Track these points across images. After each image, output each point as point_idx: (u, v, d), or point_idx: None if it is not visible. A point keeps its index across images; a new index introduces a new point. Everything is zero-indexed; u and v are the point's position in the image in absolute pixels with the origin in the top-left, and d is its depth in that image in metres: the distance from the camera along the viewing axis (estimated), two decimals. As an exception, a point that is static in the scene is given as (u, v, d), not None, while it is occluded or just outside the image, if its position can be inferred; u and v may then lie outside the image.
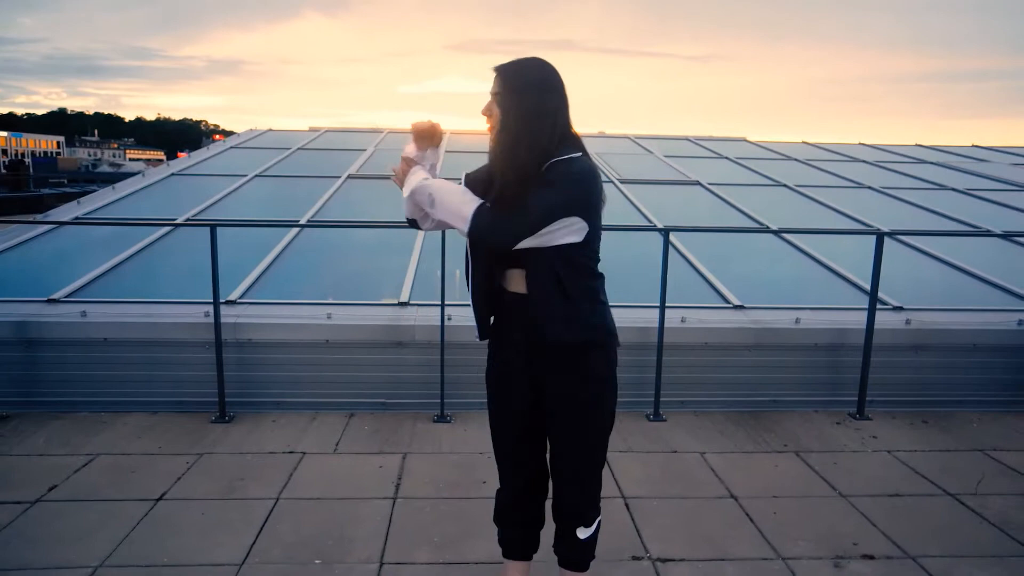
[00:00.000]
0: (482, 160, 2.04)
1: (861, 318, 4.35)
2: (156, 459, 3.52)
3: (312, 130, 11.66)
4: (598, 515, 2.15)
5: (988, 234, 6.45)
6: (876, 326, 4.26)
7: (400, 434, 3.88)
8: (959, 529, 2.99)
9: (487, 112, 1.88)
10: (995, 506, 3.20)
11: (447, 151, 9.90)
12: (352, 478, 3.36)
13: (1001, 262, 5.70)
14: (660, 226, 5.84)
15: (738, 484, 3.36)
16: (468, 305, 2.02)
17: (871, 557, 2.76)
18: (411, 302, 4.48)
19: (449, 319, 4.10)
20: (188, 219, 6.17)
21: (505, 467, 2.20)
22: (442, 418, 4.08)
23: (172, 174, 8.09)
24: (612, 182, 8.17)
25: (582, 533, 2.10)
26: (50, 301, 4.37)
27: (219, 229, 4.02)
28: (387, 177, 8.72)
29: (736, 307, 4.59)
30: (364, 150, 9.69)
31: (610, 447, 3.74)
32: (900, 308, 4.62)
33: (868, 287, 4.94)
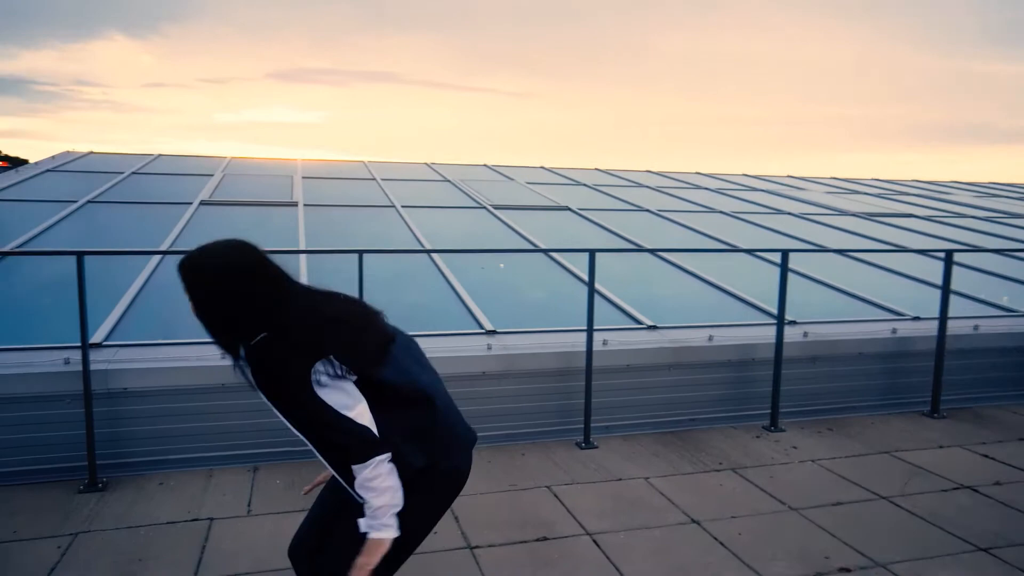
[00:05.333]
0: (338, 185, 1.78)
1: (765, 332, 4.51)
2: (15, 548, 2.80)
3: (143, 154, 10.51)
4: None
5: (824, 250, 7.11)
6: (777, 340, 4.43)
7: (321, 487, 3.40)
8: (907, 531, 3.10)
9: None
10: (924, 504, 3.37)
11: (304, 177, 9.31)
12: (281, 544, 2.85)
13: (855, 278, 6.23)
14: (542, 246, 5.79)
15: (694, 508, 3.28)
16: None
17: (847, 570, 2.76)
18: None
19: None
20: (15, 248, 5.19)
21: None
22: (363, 464, 3.65)
23: (-23, 199, 6.86)
24: (485, 208, 8.08)
25: None
26: None
27: (58, 259, 3.38)
28: (244, 203, 7.82)
29: (650, 327, 4.59)
30: (211, 175, 8.86)
31: (552, 479, 3.55)
32: (794, 322, 4.86)
33: (753, 301, 5.21)
